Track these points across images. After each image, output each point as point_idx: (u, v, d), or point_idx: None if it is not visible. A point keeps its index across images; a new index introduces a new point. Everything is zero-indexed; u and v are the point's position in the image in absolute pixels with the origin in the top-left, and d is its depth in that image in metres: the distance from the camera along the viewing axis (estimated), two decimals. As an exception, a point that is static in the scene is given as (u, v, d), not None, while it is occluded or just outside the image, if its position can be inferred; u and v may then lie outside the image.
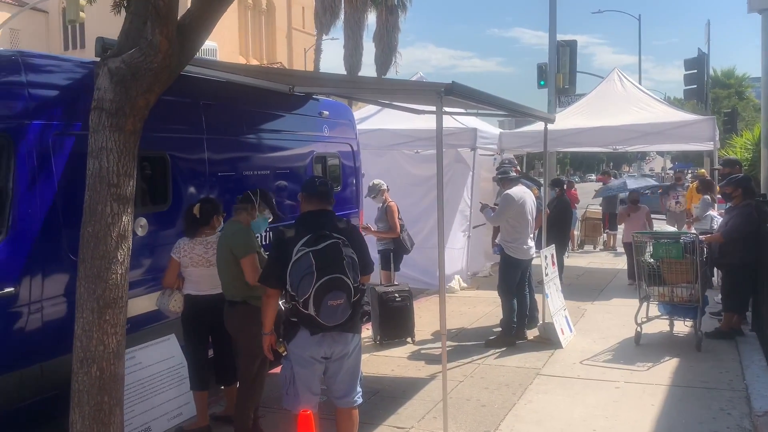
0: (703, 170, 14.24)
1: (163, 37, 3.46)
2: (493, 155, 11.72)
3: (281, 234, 3.85)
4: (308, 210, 3.95)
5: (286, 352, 3.94)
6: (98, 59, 3.86)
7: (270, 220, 4.98)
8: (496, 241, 7.68)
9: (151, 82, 3.56)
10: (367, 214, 8.61)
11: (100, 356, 3.50)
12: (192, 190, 5.46)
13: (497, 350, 6.89)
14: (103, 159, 3.52)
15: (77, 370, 3.52)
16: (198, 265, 4.71)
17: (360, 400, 4.04)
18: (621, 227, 12.53)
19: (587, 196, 20.52)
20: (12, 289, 4.02)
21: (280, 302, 4.03)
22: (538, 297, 7.54)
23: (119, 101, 3.52)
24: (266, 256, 4.45)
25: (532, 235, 7.21)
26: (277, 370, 4.27)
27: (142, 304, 4.88)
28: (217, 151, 5.73)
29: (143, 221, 4.91)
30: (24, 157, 4.14)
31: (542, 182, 8.72)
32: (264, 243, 5.84)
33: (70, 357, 3.60)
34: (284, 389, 3.96)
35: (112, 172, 3.52)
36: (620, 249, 13.53)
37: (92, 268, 3.50)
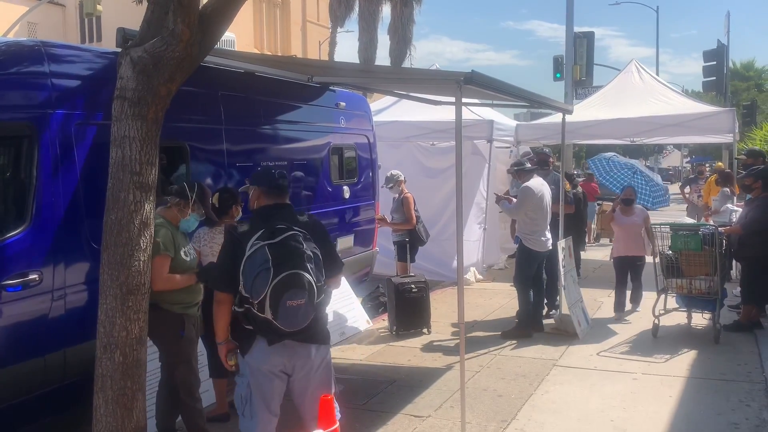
0: (720, 163, 14.10)
1: (184, 26, 3.49)
2: (509, 147, 11.68)
3: (233, 230, 3.46)
4: (265, 205, 3.53)
5: (235, 369, 3.44)
6: (119, 49, 3.89)
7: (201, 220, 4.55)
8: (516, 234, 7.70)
9: (173, 71, 3.59)
10: (383, 206, 8.64)
11: (123, 342, 3.55)
12: (210, 180, 5.50)
13: (513, 341, 6.89)
14: (125, 147, 3.56)
15: (101, 356, 3.57)
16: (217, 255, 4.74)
17: (338, 416, 3.37)
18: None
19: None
20: (36, 276, 4.09)
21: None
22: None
23: (141, 90, 3.56)
24: (187, 260, 4.20)
25: (549, 228, 7.21)
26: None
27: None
28: (235, 142, 5.78)
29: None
30: (47, 147, 4.20)
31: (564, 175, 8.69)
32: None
33: (94, 343, 3.67)
34: (239, 410, 3.44)
35: (134, 160, 3.56)
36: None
37: (115, 255, 3.55)
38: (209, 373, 4.91)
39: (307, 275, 3.18)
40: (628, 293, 7.94)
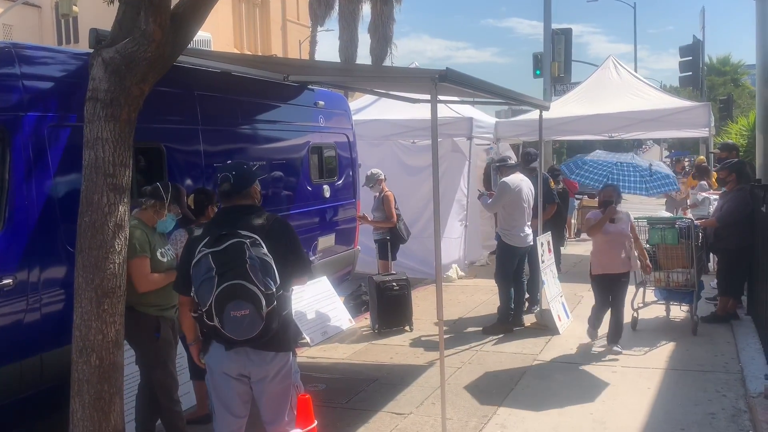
0: (702, 157, 14.27)
1: (156, 26, 3.46)
2: (489, 144, 11.73)
3: (190, 233, 3.40)
4: (223, 207, 3.48)
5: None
6: (92, 50, 3.86)
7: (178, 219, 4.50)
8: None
9: (146, 71, 3.56)
10: (364, 204, 8.63)
11: (99, 345, 3.51)
12: (188, 181, 5.47)
13: (495, 337, 6.93)
14: (98, 149, 3.52)
15: (77, 360, 3.54)
16: None
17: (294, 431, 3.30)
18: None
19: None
20: (10, 280, 4.04)
21: None
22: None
23: (114, 91, 3.52)
24: (164, 261, 4.19)
25: (529, 223, 7.25)
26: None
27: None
28: (212, 142, 5.74)
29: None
30: (19, 150, 4.14)
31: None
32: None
33: (70, 347, 3.63)
34: (211, 410, 3.51)
35: (108, 162, 3.53)
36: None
37: (90, 258, 3.51)
38: (189, 375, 4.88)
39: (251, 285, 3.09)
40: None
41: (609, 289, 6.36)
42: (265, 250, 3.19)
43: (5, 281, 4.01)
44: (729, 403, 5.01)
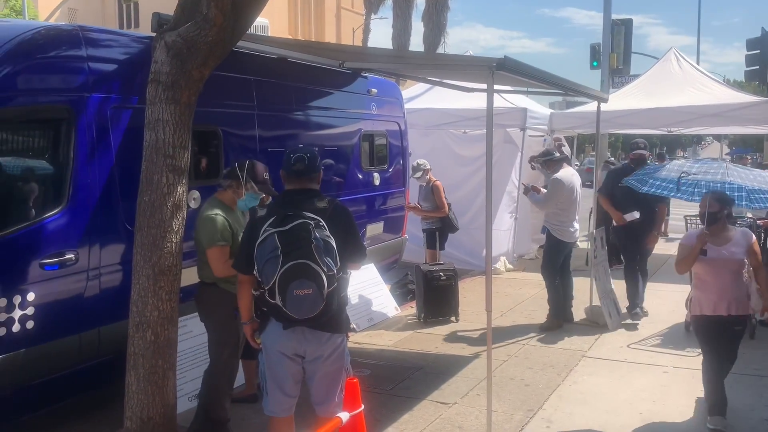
0: None
1: (218, 11, 3.52)
2: (542, 136, 11.53)
3: (254, 214, 3.44)
4: (288, 189, 3.51)
5: (260, 346, 3.54)
6: (154, 34, 3.95)
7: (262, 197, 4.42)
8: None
9: (206, 55, 3.63)
10: (413, 193, 8.62)
11: (154, 321, 3.63)
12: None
13: (542, 332, 6.85)
14: (159, 131, 3.62)
15: (133, 334, 3.66)
16: None
17: (344, 415, 3.23)
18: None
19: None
20: (72, 255, 4.20)
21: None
22: (585, 280, 7.43)
23: (175, 74, 3.61)
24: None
25: (578, 218, 7.12)
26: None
27: (194, 274, 5.02)
28: (267, 127, 5.82)
29: (196, 194, 5.02)
30: (84, 130, 4.29)
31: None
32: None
33: (127, 322, 3.75)
34: (262, 387, 3.61)
35: (168, 143, 3.62)
36: (672, 234, 13.17)
37: (148, 237, 3.62)
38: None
39: (315, 265, 3.16)
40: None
41: (717, 340, 4.57)
42: (327, 232, 3.27)
43: (68, 256, 4.17)
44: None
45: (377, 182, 7.70)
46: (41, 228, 4.06)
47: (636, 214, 7.11)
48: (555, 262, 7.06)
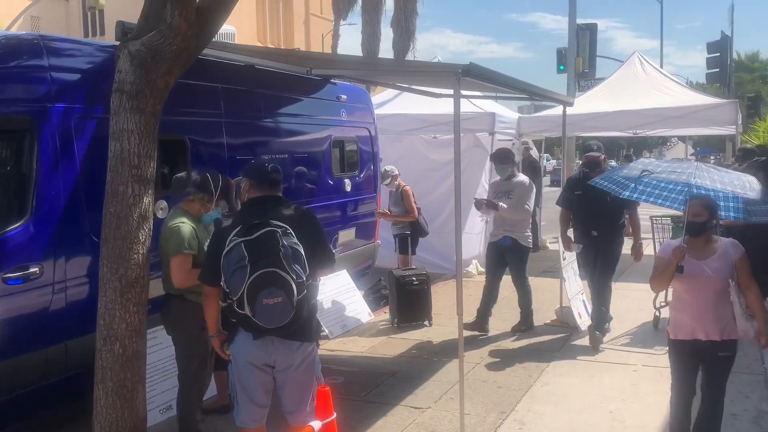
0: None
1: (182, 20, 3.49)
2: (511, 140, 11.65)
3: (219, 224, 3.45)
4: (252, 198, 3.50)
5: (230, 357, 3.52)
6: (118, 43, 3.90)
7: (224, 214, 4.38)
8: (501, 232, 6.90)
9: (171, 64, 3.60)
10: (385, 199, 8.64)
11: (122, 334, 3.57)
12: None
13: (514, 334, 6.91)
14: (124, 141, 3.57)
15: (101, 348, 3.60)
16: None
17: (316, 424, 3.15)
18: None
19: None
20: (36, 269, 4.12)
21: None
22: (555, 281, 7.51)
23: (139, 83, 3.57)
24: None
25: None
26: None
27: (161, 286, 4.96)
28: (235, 135, 5.78)
29: (163, 204, 4.97)
30: (47, 140, 4.22)
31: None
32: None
33: (95, 335, 3.69)
34: (232, 398, 3.58)
35: (133, 153, 3.57)
36: (642, 235, 13.34)
37: (114, 248, 3.56)
38: (210, 366, 4.93)
39: (284, 273, 3.14)
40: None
41: (694, 367, 3.95)
42: (295, 239, 3.26)
43: (32, 270, 4.09)
44: (752, 405, 4.95)
45: (348, 188, 7.70)
46: (3, 241, 3.98)
47: (580, 247, 6.63)
48: (525, 268, 7.11)
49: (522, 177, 7.06)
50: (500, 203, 6.78)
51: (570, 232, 6.88)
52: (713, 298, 3.82)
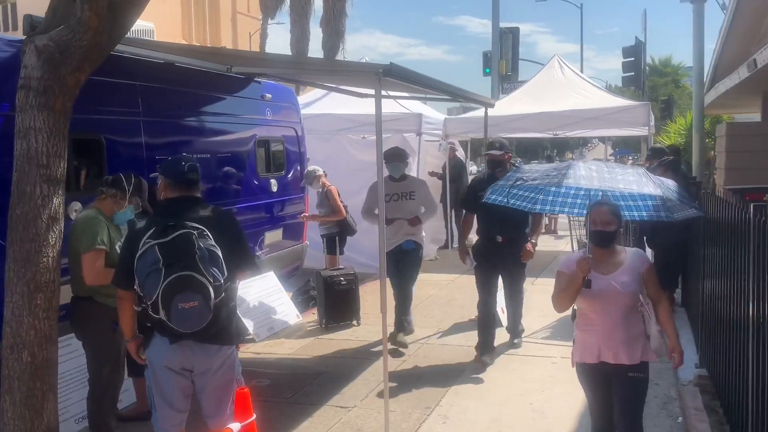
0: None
1: (92, 14, 3.36)
2: (438, 141, 11.85)
3: (132, 226, 3.36)
4: (168, 198, 3.41)
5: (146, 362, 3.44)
6: (25, 37, 3.73)
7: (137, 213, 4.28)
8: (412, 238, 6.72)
9: (81, 60, 3.46)
10: (312, 199, 8.60)
11: (31, 341, 3.41)
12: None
13: (440, 330, 7.03)
14: (31, 139, 3.41)
15: (8, 356, 3.42)
16: None
17: (235, 426, 3.19)
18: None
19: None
20: (-63, 275, 3.87)
21: None
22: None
23: (47, 80, 3.42)
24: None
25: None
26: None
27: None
28: (154, 134, 5.63)
29: (78, 205, 4.78)
30: (-52, 139, 3.98)
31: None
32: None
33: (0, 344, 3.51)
34: (150, 403, 3.51)
35: (41, 152, 3.42)
36: (561, 232, 13.87)
37: (21, 252, 3.40)
38: (127, 372, 4.78)
39: (200, 276, 3.06)
40: None
41: (606, 392, 3.58)
42: (212, 241, 3.18)
43: (-69, 276, 3.84)
44: (661, 391, 5.22)
45: (275, 188, 7.63)
46: None
47: (474, 263, 6.16)
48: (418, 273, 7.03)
49: (414, 176, 7.15)
50: (417, 215, 6.55)
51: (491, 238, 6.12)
52: (622, 315, 3.44)
